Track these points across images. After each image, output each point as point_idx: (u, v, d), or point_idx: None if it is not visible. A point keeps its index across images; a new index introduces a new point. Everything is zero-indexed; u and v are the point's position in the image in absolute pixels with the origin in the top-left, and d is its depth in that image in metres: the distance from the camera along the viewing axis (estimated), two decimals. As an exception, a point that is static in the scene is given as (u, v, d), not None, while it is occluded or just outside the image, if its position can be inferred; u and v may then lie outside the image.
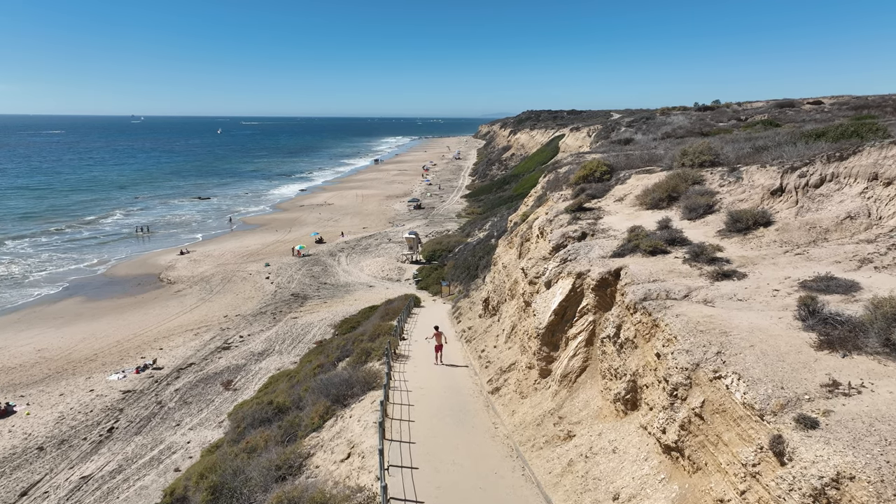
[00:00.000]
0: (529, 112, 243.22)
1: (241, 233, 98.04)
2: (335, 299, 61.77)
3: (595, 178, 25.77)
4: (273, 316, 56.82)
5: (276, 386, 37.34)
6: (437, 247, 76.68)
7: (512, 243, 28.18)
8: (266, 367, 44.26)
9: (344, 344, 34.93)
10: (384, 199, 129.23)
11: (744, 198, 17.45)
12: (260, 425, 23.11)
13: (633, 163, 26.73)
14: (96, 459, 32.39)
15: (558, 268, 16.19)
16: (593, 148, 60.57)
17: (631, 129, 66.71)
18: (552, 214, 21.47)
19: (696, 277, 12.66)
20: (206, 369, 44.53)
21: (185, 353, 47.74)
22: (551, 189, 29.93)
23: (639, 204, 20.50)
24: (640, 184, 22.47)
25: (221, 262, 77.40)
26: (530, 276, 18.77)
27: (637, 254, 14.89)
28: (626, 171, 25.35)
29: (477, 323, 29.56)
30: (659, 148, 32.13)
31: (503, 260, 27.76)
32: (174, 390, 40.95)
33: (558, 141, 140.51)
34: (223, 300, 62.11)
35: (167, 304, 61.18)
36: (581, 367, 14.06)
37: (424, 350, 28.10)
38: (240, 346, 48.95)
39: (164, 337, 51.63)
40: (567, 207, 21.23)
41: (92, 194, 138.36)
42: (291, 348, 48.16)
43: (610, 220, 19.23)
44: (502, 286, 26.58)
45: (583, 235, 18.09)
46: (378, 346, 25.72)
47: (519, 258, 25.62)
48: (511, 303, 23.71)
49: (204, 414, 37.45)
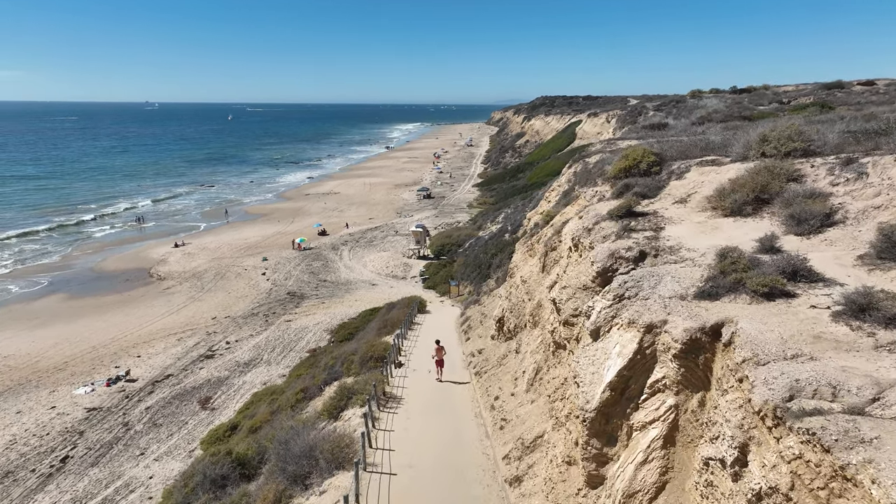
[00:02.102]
0: (544, 98, 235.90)
1: (241, 223, 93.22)
2: (334, 299, 56.71)
3: (640, 170, 20.24)
4: (265, 318, 51.88)
5: (255, 408, 32.43)
6: (446, 241, 71.36)
7: (533, 250, 22.76)
8: (251, 381, 39.32)
9: (333, 364, 29.84)
10: (393, 188, 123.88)
11: (881, 203, 11.95)
12: (210, 488, 18.07)
13: (687, 151, 21.14)
14: (40, 500, 27.58)
15: (611, 309, 10.82)
16: (621, 134, 54.81)
17: (660, 112, 60.63)
18: (590, 220, 16.04)
19: (870, 352, 7.30)
20: (185, 382, 39.66)
21: (163, 362, 42.93)
22: (581, 183, 24.42)
23: (711, 208, 15.02)
24: (705, 179, 16.96)
25: (217, 255, 72.63)
26: (565, 312, 13.43)
27: (741, 294, 9.51)
28: (680, 163, 19.79)
29: (489, 347, 24.24)
30: (710, 133, 26.40)
31: (522, 272, 22.36)
32: (145, 408, 36.12)
33: (575, 127, 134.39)
34: (214, 299, 57.28)
35: (153, 303, 56.47)
36: (657, 485, 8.83)
37: (422, 385, 22.87)
38: (224, 355, 44.04)
39: (144, 342, 46.88)
40: (611, 211, 15.77)
41: (94, 183, 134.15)
42: (282, 358, 43.18)
43: (676, 231, 13.78)
44: (520, 306, 21.23)
45: (641, 256, 12.68)
46: (363, 385, 20.52)
47: (543, 271, 20.23)
48: (534, 333, 18.40)
49: (174, 440, 32.58)
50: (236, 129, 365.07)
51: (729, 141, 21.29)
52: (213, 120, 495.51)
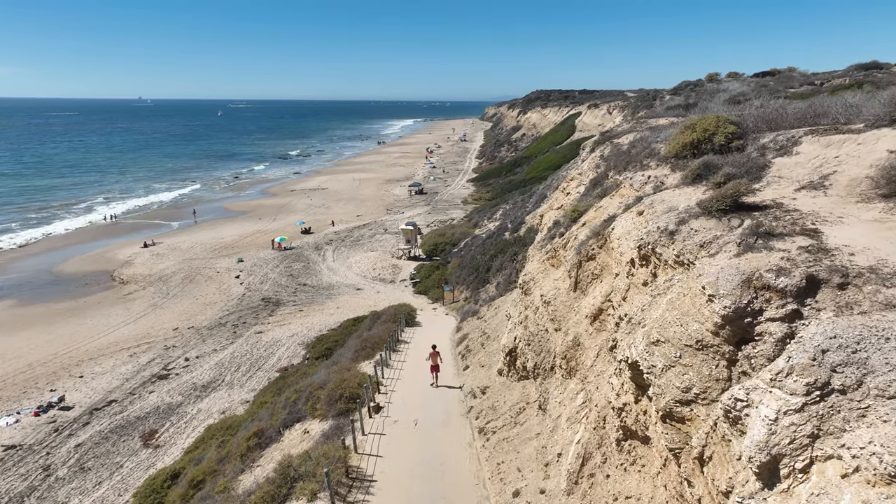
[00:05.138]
0: (539, 92, 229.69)
1: (218, 221, 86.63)
2: (314, 306, 50.46)
3: (714, 145, 14.25)
4: (234, 329, 45.58)
5: (205, 449, 26.28)
6: (439, 239, 65.18)
7: (556, 259, 16.66)
8: (207, 410, 33.09)
9: (296, 400, 23.68)
10: (383, 183, 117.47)
11: None
12: None
13: (778, 120, 15.14)
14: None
15: (803, 420, 4.81)
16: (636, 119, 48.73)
17: (678, 97, 54.64)
18: (664, 218, 10.01)
19: None
20: (129, 411, 33.40)
21: (108, 385, 36.63)
22: (618, 168, 18.33)
23: (881, 196, 9.07)
24: (839, 154, 10.97)
25: (188, 256, 66.19)
26: (664, 395, 7.24)
27: None
28: (775, 135, 13.79)
29: (497, 386, 18.14)
30: (782, 103, 20.32)
31: (542, 288, 16.23)
32: (74, 446, 29.83)
33: (574, 119, 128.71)
34: (178, 306, 50.93)
35: (110, 311, 50.08)
36: None
37: (407, 450, 16.67)
38: (181, 375, 37.75)
39: (90, 359, 40.54)
40: (705, 203, 9.72)
41: (73, 178, 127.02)
42: (247, 379, 36.96)
43: (846, 235, 7.80)
44: (542, 337, 15.16)
45: (811, 284, 6.69)
46: (313, 466, 14.15)
47: (575, 290, 14.15)
48: (569, 387, 12.36)
49: (102, 490, 26.32)
50: (226, 125, 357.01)
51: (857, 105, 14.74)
52: (203, 115, 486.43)
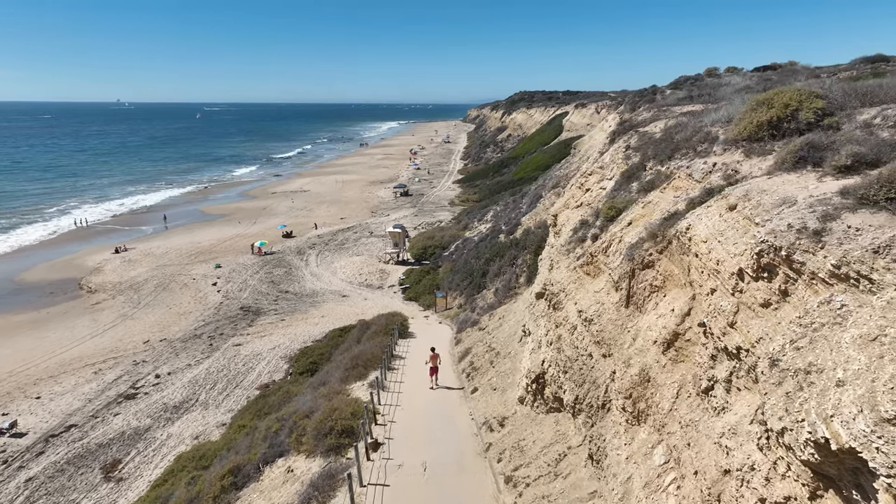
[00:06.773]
0: (523, 93, 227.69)
1: (196, 225, 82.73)
2: (296, 315, 47.13)
3: (799, 123, 11.50)
4: (210, 341, 42.11)
5: (174, 485, 22.99)
6: (428, 242, 62.15)
7: (595, 266, 13.75)
8: (178, 434, 29.71)
9: (277, 430, 20.53)
10: (367, 185, 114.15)
11: None
12: None
13: (872, 93, 12.45)
14: None
15: None
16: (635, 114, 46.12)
17: (679, 91, 52.27)
18: (788, 214, 7.19)
19: None
20: (90, 437, 29.90)
21: (69, 406, 33.08)
22: (659, 157, 15.51)
23: None
24: None
25: (162, 262, 62.42)
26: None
27: None
28: (879, 109, 11.06)
29: (519, 418, 15.19)
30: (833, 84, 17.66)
31: (579, 302, 13.30)
32: (24, 481, 26.30)
33: (561, 119, 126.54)
34: (150, 317, 47.30)
35: (75, 322, 46.32)
36: None
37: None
38: (151, 394, 34.29)
39: (50, 376, 36.91)
40: (860, 191, 6.81)
41: (44, 183, 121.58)
42: (223, 398, 33.60)
43: None
44: (585, 364, 12.27)
45: None
46: None
47: (628, 306, 11.30)
48: (639, 436, 9.46)
49: (53, 535, 22.95)
50: (204, 128, 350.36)
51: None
52: (181, 118, 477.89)
